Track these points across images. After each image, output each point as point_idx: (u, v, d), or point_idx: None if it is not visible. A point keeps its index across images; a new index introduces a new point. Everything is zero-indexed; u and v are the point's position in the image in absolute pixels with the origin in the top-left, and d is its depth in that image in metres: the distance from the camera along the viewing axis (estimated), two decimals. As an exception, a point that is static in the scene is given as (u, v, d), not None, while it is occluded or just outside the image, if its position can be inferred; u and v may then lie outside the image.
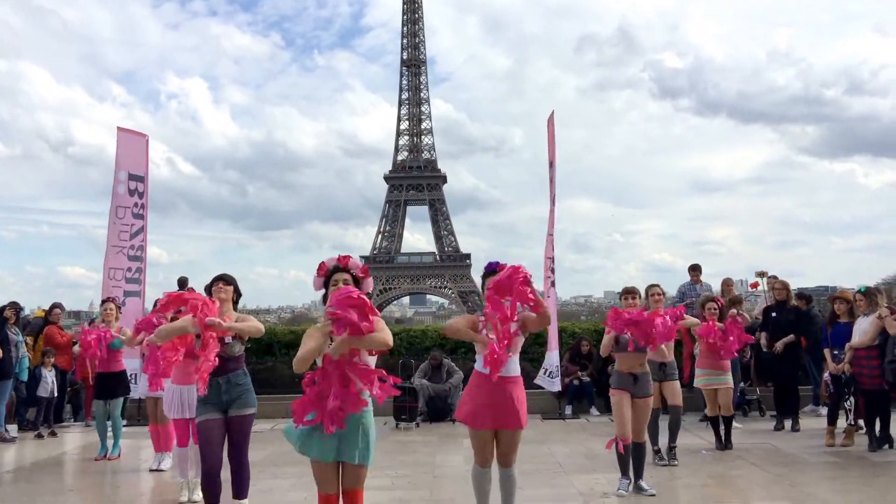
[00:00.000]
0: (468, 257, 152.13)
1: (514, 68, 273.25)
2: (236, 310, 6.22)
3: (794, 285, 11.92)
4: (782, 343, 10.84)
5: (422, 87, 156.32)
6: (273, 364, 14.03)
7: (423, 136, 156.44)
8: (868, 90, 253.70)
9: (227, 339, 5.75)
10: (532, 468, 8.14)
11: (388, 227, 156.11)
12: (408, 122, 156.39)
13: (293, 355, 4.67)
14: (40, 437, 11.54)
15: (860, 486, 7.27)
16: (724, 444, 9.27)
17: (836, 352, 9.58)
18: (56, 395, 12.15)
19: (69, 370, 12.59)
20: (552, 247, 12.15)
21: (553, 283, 12.22)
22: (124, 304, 11.17)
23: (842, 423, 9.67)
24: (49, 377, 11.94)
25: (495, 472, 5.56)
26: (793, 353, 11.02)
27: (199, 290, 6.72)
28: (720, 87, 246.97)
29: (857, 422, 9.59)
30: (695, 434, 10.41)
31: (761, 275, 12.62)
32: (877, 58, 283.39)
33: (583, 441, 10.28)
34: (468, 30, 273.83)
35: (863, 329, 9.13)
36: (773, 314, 11.13)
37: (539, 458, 8.93)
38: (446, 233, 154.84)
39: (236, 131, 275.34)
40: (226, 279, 6.10)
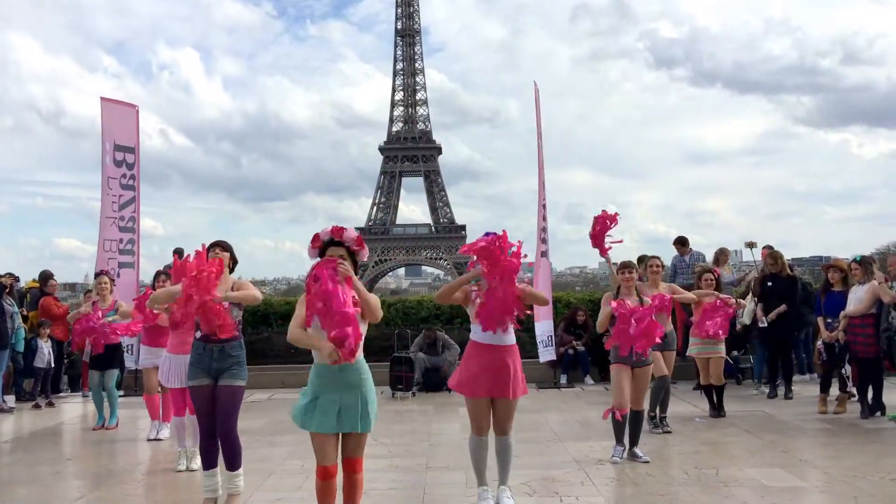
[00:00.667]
0: (463, 228, 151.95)
1: (509, 38, 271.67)
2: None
3: (788, 255, 11.95)
4: (775, 313, 10.88)
5: (416, 57, 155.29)
6: (269, 335, 14.08)
7: (417, 107, 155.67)
8: (864, 60, 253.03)
9: (225, 306, 5.74)
10: (527, 436, 8.20)
11: (383, 199, 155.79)
12: (402, 92, 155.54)
13: (289, 326, 4.69)
14: (38, 407, 11.59)
15: (853, 453, 7.33)
16: (718, 412, 9.35)
17: (829, 320, 9.63)
18: (53, 366, 12.18)
19: (66, 341, 12.61)
20: (544, 217, 12.19)
21: (544, 252, 12.26)
22: (118, 276, 11.17)
23: (834, 390, 9.74)
24: (46, 348, 11.96)
25: (491, 441, 5.60)
26: (786, 322, 11.06)
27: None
28: (716, 57, 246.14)
29: (850, 389, 9.67)
30: (688, 402, 10.50)
31: (751, 245, 12.66)
32: (873, 27, 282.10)
33: (578, 409, 10.35)
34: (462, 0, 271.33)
35: (858, 297, 9.17)
36: (769, 284, 11.17)
37: (534, 427, 9.00)
38: (441, 204, 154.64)
39: (229, 102, 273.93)
40: (222, 245, 6.08)
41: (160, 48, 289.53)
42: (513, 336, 5.54)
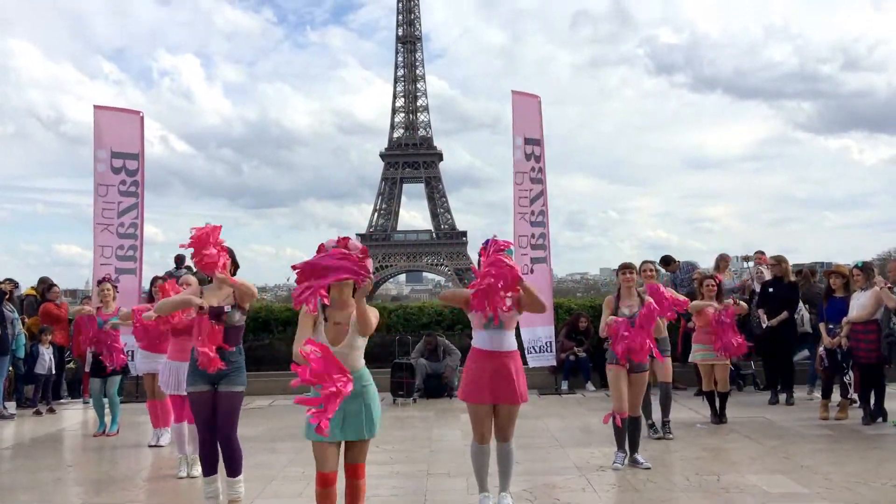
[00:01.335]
0: (464, 235, 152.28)
1: (509, 45, 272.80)
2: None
3: (789, 261, 11.93)
4: (777, 320, 10.87)
5: (417, 63, 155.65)
6: (270, 341, 14.07)
7: (418, 114, 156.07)
8: (864, 66, 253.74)
9: (226, 308, 5.75)
10: (528, 442, 8.19)
11: (384, 205, 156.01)
12: (403, 99, 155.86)
13: (290, 333, 4.72)
14: (39, 413, 11.57)
15: (854, 459, 7.32)
16: (719, 418, 9.33)
17: (830, 326, 9.63)
18: (54, 372, 12.18)
19: (66, 346, 12.61)
20: (528, 223, 12.23)
21: (536, 259, 12.27)
22: (118, 282, 11.18)
23: (836, 396, 9.74)
24: (47, 354, 11.95)
25: (492, 447, 5.59)
26: (787, 329, 11.05)
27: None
28: (716, 63, 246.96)
29: (852, 395, 9.67)
30: (689, 408, 10.48)
31: (746, 259, 12.68)
32: (872, 33, 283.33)
33: (579, 416, 10.34)
34: (462, 5, 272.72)
35: (861, 303, 9.17)
36: (771, 290, 11.16)
37: (535, 433, 8.99)
38: (442, 210, 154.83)
39: (230, 109, 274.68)
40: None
41: (161, 55, 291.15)
42: (514, 341, 5.56)
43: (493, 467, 5.63)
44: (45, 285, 13.14)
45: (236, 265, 6.15)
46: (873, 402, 9.21)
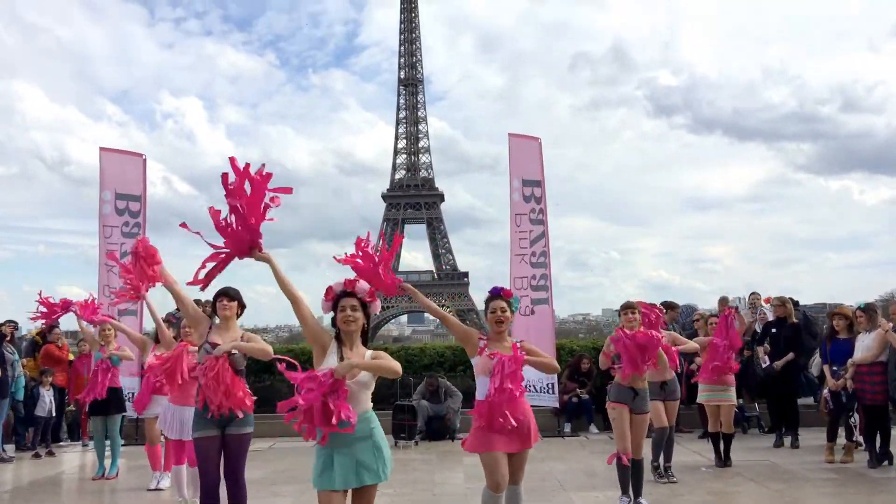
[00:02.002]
0: (466, 275, 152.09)
1: (509, 87, 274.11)
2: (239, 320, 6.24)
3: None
4: (782, 362, 10.83)
5: (419, 105, 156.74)
6: (271, 382, 13.99)
7: (420, 155, 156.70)
8: (863, 107, 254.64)
9: (233, 352, 5.77)
10: (532, 486, 8.08)
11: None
12: (405, 140, 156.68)
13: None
14: (38, 456, 11.49)
15: (860, 503, 7.25)
16: (724, 461, 9.24)
17: (835, 368, 9.58)
18: (54, 414, 12.11)
19: (66, 387, 12.55)
20: (529, 265, 12.23)
21: (538, 300, 12.26)
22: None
23: (841, 439, 9.66)
24: (47, 396, 11.89)
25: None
26: (791, 370, 11.00)
27: (207, 300, 6.73)
28: (715, 104, 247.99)
29: (857, 438, 9.59)
30: (693, 451, 10.40)
31: (753, 305, 12.70)
32: (871, 75, 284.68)
33: (582, 458, 10.25)
34: (463, 49, 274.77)
35: (866, 345, 9.14)
36: (773, 330, 11.13)
37: (539, 476, 8.90)
38: (444, 251, 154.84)
39: (232, 150, 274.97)
40: (230, 294, 6.09)
41: (164, 97, 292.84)
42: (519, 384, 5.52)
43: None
44: (47, 327, 13.11)
45: (242, 306, 6.16)
46: (879, 444, 9.13)
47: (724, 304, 12.65)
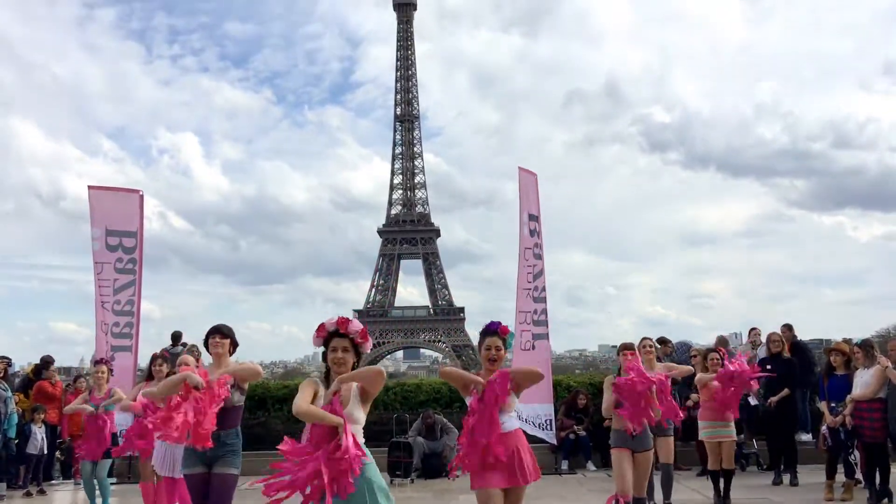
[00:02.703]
0: (462, 311, 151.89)
1: (504, 123, 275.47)
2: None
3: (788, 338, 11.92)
4: (777, 398, 10.78)
5: (415, 141, 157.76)
6: (266, 419, 13.89)
7: (416, 191, 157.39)
8: (855, 144, 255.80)
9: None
10: (529, 525, 8.01)
11: (381, 281, 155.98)
12: (401, 176, 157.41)
13: (286, 411, 4.69)
14: (29, 495, 11.35)
15: (861, 542, 7.17)
16: (723, 499, 9.13)
17: (833, 404, 9.53)
18: (46, 452, 11.98)
19: (58, 425, 12.44)
20: (532, 300, 12.21)
21: (537, 335, 12.22)
22: (113, 359, 11.12)
23: (841, 476, 9.57)
24: (39, 434, 11.78)
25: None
26: (788, 407, 10.95)
27: (194, 343, 6.71)
28: (708, 140, 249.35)
29: (857, 476, 9.51)
30: (692, 489, 10.30)
31: (753, 343, 12.70)
32: (862, 112, 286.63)
33: (580, 496, 10.15)
34: (458, 85, 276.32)
35: (865, 381, 9.09)
36: (769, 367, 11.09)
37: (536, 515, 8.81)
38: (440, 286, 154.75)
39: (228, 186, 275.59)
40: (222, 332, 6.06)
41: (161, 133, 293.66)
42: (515, 421, 5.46)
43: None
44: (42, 363, 13.05)
45: (235, 344, 6.13)
46: (879, 482, 9.05)
47: (722, 343, 12.65)
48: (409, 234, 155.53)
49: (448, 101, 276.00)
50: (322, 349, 4.89)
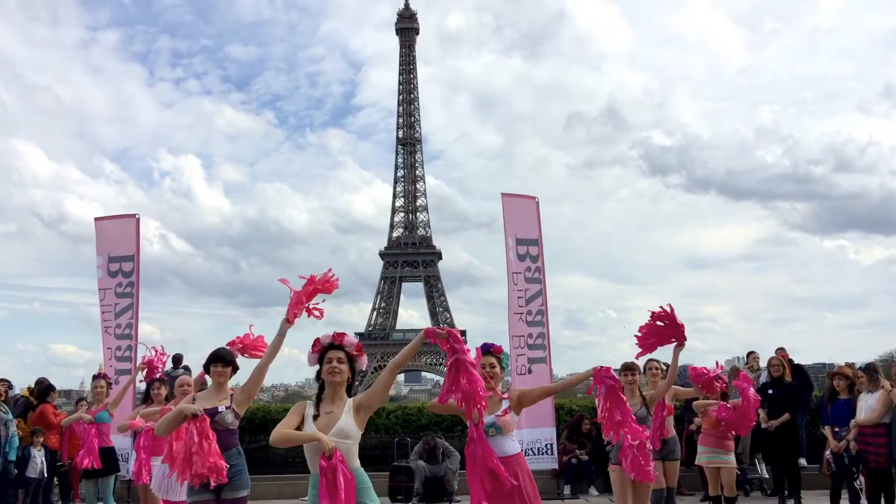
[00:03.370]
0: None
1: (505, 146, 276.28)
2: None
3: (791, 362, 11.88)
4: (778, 422, 10.73)
5: (417, 164, 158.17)
6: (267, 444, 13.81)
7: (418, 213, 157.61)
8: (855, 168, 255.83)
9: (219, 409, 5.69)
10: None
11: (383, 304, 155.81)
12: (403, 199, 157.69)
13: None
14: (27, 519, 11.26)
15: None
16: (727, 525, 9.07)
17: (836, 429, 9.47)
18: (46, 475, 11.90)
19: (59, 450, 12.37)
20: (525, 323, 12.19)
21: (534, 359, 12.19)
22: (116, 382, 11.13)
23: (845, 502, 9.50)
24: (38, 457, 11.71)
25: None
26: (791, 432, 10.89)
27: (193, 367, 6.70)
28: (708, 164, 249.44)
29: (862, 502, 9.43)
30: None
31: (752, 368, 12.64)
32: (862, 136, 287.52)
33: (582, 522, 10.07)
34: (459, 109, 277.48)
35: (869, 406, 9.04)
36: (770, 392, 11.04)
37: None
38: (441, 309, 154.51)
39: (229, 208, 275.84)
40: (224, 359, 6.04)
41: (162, 155, 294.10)
42: (516, 444, 5.46)
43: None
44: (42, 386, 13.00)
45: (235, 368, 6.11)
46: (884, 508, 8.99)
47: (735, 372, 12.56)
48: (410, 256, 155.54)
49: (449, 124, 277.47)
50: (317, 368, 4.84)
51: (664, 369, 9.59)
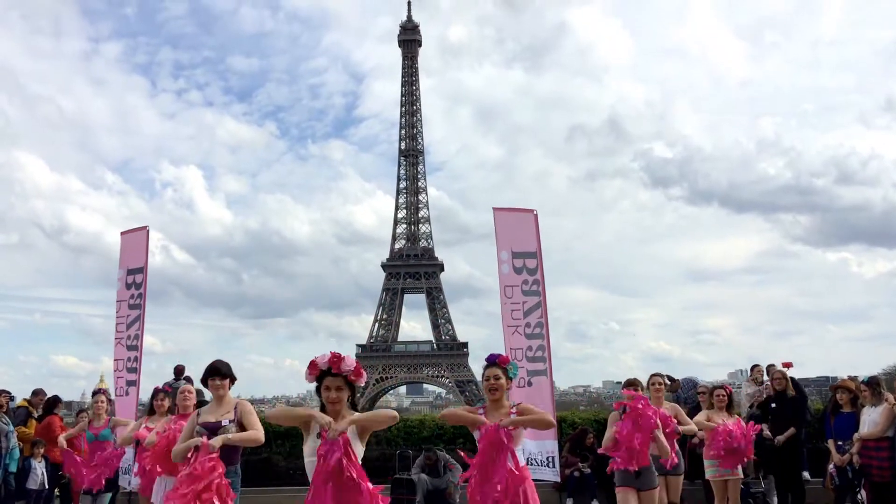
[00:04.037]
0: (465, 346, 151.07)
1: (506, 157, 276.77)
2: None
3: (795, 376, 11.84)
4: (784, 437, 10.69)
5: (419, 176, 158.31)
6: (268, 456, 13.78)
7: (420, 225, 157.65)
8: (858, 180, 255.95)
9: (223, 422, 5.70)
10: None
11: (385, 316, 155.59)
12: (405, 210, 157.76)
13: (288, 446, 4.66)
14: (27, 531, 11.22)
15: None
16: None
17: (839, 443, 9.43)
18: (46, 487, 11.87)
19: (61, 462, 12.33)
20: (523, 336, 12.16)
21: (533, 372, 12.16)
22: (126, 394, 11.20)
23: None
24: (39, 468, 11.68)
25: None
26: (794, 446, 10.85)
27: (195, 378, 6.69)
28: (710, 176, 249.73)
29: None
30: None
31: (755, 380, 12.61)
32: (864, 148, 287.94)
33: (584, 535, 10.02)
34: (461, 120, 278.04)
35: (873, 420, 9.01)
36: (773, 405, 11.00)
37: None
38: (443, 321, 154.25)
39: (231, 219, 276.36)
40: (221, 372, 6.04)
41: (164, 166, 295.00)
42: (521, 456, 5.45)
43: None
44: (40, 398, 13.00)
45: (233, 380, 6.10)
46: (888, 522, 8.95)
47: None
48: (412, 268, 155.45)
49: (451, 136, 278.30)
50: (315, 386, 4.84)
51: (668, 383, 9.59)
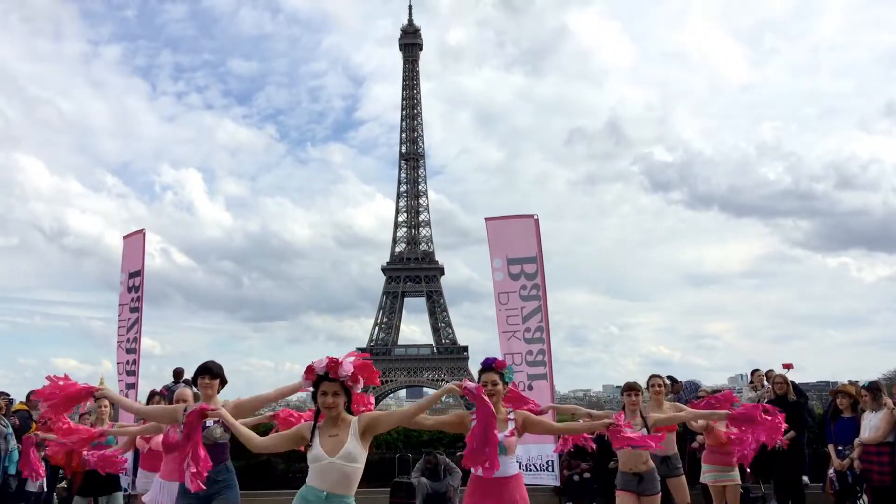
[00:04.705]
0: (465, 349, 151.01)
1: (506, 161, 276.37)
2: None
3: (795, 380, 11.84)
4: (787, 439, 10.68)
5: (419, 179, 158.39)
6: (267, 459, 13.77)
7: (420, 228, 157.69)
8: (858, 185, 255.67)
9: (208, 423, 5.63)
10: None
11: (385, 319, 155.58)
12: (406, 214, 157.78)
13: (287, 450, 4.65)
14: (27, 533, 11.21)
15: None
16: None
17: (840, 447, 9.42)
18: (46, 489, 11.86)
19: (63, 465, 12.32)
20: (522, 340, 12.16)
21: (535, 375, 12.16)
22: (126, 397, 11.18)
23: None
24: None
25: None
26: (795, 450, 10.83)
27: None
28: (710, 180, 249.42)
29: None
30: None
31: (755, 387, 12.60)
32: (864, 152, 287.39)
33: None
34: (461, 124, 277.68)
35: (873, 425, 9.00)
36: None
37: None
38: (444, 325, 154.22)
39: (231, 222, 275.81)
40: (212, 372, 6.02)
41: (164, 169, 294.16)
42: (516, 465, 5.41)
43: None
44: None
45: (223, 382, 6.09)
46: (888, 527, 8.94)
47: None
48: (412, 271, 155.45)
49: (451, 139, 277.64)
50: (312, 392, 4.81)
51: (667, 385, 9.58)
